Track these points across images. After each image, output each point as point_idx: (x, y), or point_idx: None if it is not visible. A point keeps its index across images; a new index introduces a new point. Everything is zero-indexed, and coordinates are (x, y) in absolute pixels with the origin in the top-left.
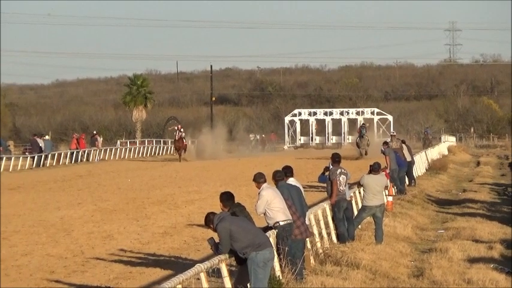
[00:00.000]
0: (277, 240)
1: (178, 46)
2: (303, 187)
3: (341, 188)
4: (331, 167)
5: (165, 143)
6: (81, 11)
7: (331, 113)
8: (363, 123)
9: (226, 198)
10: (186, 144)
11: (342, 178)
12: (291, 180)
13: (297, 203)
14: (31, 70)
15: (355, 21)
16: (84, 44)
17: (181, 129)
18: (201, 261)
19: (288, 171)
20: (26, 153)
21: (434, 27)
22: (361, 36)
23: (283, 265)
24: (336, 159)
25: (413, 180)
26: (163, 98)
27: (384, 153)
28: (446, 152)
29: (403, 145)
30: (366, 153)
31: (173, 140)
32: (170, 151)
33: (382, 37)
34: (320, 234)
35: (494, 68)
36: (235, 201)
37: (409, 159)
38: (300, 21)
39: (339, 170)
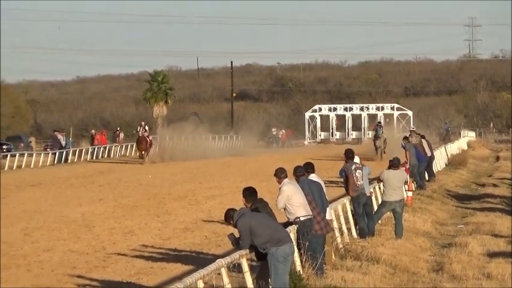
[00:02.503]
0: (298, 236)
1: (198, 42)
2: (324, 183)
3: (358, 182)
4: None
5: (186, 139)
6: (102, 8)
7: (351, 109)
8: (379, 122)
9: (249, 193)
10: (151, 141)
11: (358, 173)
12: (313, 176)
13: (317, 198)
14: (52, 67)
15: (375, 18)
16: (105, 41)
17: (146, 127)
18: (222, 256)
19: (309, 168)
20: (48, 149)
21: (453, 23)
22: (380, 32)
23: (303, 260)
24: (349, 155)
25: (433, 176)
26: (184, 94)
27: (404, 148)
28: (465, 147)
29: (423, 140)
30: (382, 155)
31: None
32: (190, 146)
33: (401, 33)
34: (340, 229)
35: None
36: (258, 197)
37: (429, 154)
38: (320, 17)
39: (353, 166)
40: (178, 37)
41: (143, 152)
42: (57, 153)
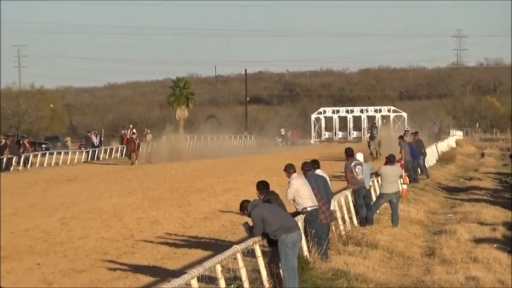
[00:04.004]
0: (305, 224)
1: (216, 52)
2: (328, 177)
3: (358, 177)
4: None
5: (205, 139)
6: (130, 22)
7: (352, 111)
8: (373, 123)
9: (262, 186)
10: (138, 145)
11: (358, 169)
12: (318, 171)
13: (322, 191)
14: (86, 74)
15: (374, 29)
16: (133, 51)
17: (134, 130)
18: (238, 243)
19: (315, 164)
20: (82, 148)
21: (443, 34)
22: (378, 42)
23: (310, 246)
24: (349, 153)
25: (425, 170)
26: (203, 98)
27: (400, 146)
28: (454, 145)
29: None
30: (377, 154)
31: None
32: (208, 145)
33: (397, 43)
34: (343, 218)
35: (496, 70)
36: (270, 190)
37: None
38: (325, 29)
39: (353, 163)
40: (198, 48)
41: (131, 153)
42: (90, 152)
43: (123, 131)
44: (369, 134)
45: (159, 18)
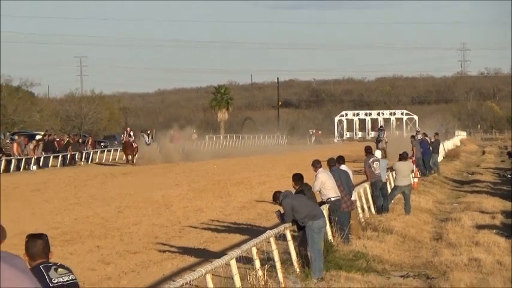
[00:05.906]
0: (329, 212)
1: (252, 62)
2: (352, 172)
3: (376, 172)
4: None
5: (242, 138)
6: (178, 36)
7: (370, 114)
8: (381, 126)
9: (298, 178)
10: (135, 147)
11: (376, 164)
12: (343, 167)
13: (344, 183)
14: (139, 82)
15: (389, 43)
16: (180, 62)
17: (131, 133)
18: (271, 228)
19: (340, 160)
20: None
21: (449, 48)
22: (393, 54)
23: (334, 231)
24: (368, 150)
25: (434, 166)
26: (241, 103)
27: (412, 144)
28: (459, 144)
29: (426, 138)
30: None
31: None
32: (245, 144)
33: (409, 55)
34: (362, 207)
35: (496, 78)
36: (304, 182)
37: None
38: (346, 43)
39: (371, 159)
40: (237, 59)
41: (129, 156)
42: None
43: (171, 131)
44: (376, 136)
45: (203, 33)
